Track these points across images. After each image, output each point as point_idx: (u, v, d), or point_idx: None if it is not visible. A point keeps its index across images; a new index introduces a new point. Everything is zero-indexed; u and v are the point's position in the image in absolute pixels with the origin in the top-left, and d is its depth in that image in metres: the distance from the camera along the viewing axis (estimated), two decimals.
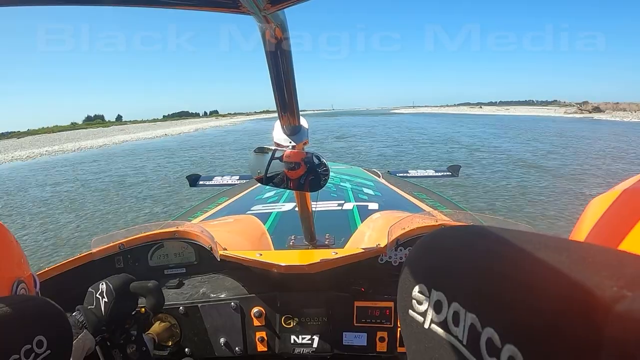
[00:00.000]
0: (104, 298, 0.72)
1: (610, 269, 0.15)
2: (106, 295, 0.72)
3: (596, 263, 0.16)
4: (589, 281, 0.15)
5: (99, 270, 0.98)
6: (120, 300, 0.73)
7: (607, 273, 0.15)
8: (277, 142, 0.75)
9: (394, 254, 1.02)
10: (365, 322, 0.94)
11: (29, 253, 4.48)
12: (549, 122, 25.37)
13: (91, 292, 0.73)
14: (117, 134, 33.31)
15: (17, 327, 0.37)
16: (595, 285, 0.15)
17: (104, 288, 0.73)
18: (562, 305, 0.15)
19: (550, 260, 0.17)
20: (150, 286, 0.76)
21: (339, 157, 10.96)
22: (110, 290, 0.72)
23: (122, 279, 0.76)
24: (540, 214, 5.04)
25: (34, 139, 36.21)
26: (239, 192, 2.35)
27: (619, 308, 0.13)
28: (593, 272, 0.15)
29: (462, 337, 0.19)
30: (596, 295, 0.14)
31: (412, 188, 2.36)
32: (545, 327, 0.15)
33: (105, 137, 30.27)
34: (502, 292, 0.17)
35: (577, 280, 0.15)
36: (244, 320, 0.97)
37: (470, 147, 12.99)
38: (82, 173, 11.24)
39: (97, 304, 0.72)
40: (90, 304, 0.72)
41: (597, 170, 8.11)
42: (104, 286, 0.73)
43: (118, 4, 0.38)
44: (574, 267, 0.16)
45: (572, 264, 0.16)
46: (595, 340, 0.14)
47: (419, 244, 0.25)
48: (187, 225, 1.11)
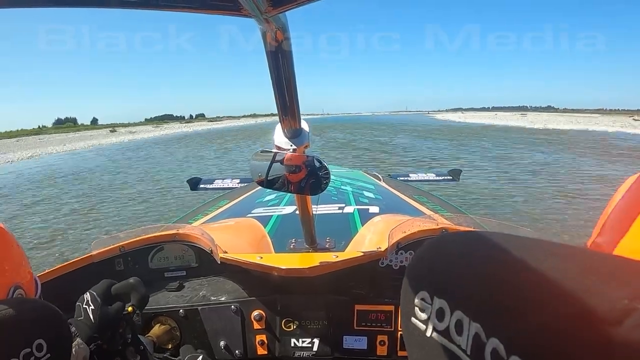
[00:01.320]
0: (90, 306, 0.73)
1: (620, 280, 0.15)
2: (92, 303, 0.73)
3: (605, 272, 0.15)
4: (597, 292, 0.14)
5: (99, 273, 0.98)
6: (105, 304, 0.74)
7: (617, 284, 0.14)
8: (278, 145, 0.75)
9: (394, 258, 1.02)
10: (366, 326, 0.94)
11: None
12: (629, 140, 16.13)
13: (78, 305, 0.75)
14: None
15: (16, 330, 0.37)
16: (604, 297, 0.14)
17: (88, 297, 0.74)
18: (570, 317, 0.14)
19: (557, 269, 0.16)
20: (132, 282, 0.77)
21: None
22: (94, 298, 0.74)
23: (103, 284, 0.77)
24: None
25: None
26: (240, 195, 2.35)
27: (629, 322, 0.13)
28: (602, 282, 0.15)
29: (466, 346, 0.18)
30: (605, 307, 0.14)
31: (412, 191, 2.36)
32: (552, 339, 0.14)
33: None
34: (507, 301, 0.17)
35: (586, 290, 0.15)
36: (244, 323, 0.97)
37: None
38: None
39: (85, 314, 0.73)
40: (79, 315, 0.73)
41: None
42: (88, 295, 0.75)
43: (119, 6, 0.39)
44: (582, 276, 0.16)
45: (580, 273, 0.16)
46: (603, 354, 0.13)
47: (421, 250, 0.24)
48: (188, 228, 1.11)
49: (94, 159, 16.52)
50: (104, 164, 13.86)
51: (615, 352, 0.13)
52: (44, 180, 10.54)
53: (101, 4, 0.38)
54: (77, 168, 13.03)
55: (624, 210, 0.27)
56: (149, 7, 0.39)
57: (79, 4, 0.39)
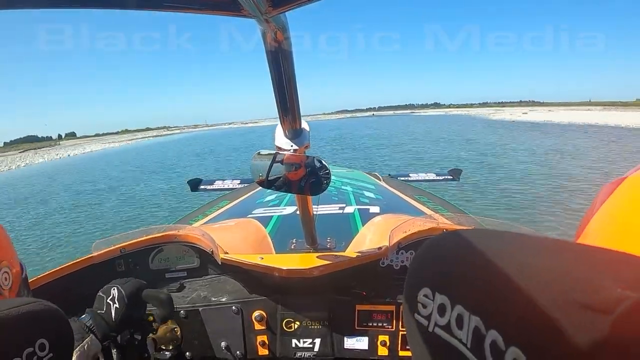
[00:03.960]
0: (115, 304, 0.70)
1: (613, 271, 0.15)
2: (117, 301, 0.70)
3: (599, 265, 0.16)
4: (592, 283, 0.15)
5: (100, 274, 0.98)
6: (131, 308, 0.72)
7: (610, 275, 0.15)
8: (279, 146, 0.75)
9: (395, 258, 1.02)
10: (367, 326, 0.94)
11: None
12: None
13: (102, 297, 0.72)
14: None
15: (19, 329, 0.37)
16: (598, 287, 0.15)
17: (115, 293, 0.71)
18: (566, 307, 0.15)
19: (553, 263, 0.17)
20: (162, 298, 0.76)
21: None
22: (122, 297, 0.71)
23: (134, 285, 0.74)
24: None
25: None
26: (241, 196, 2.35)
27: (622, 310, 0.14)
28: (596, 274, 0.15)
29: (467, 340, 0.19)
30: (600, 297, 0.14)
31: (413, 191, 2.37)
32: (549, 329, 0.15)
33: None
34: (505, 295, 0.17)
35: (581, 282, 0.15)
36: (245, 324, 0.97)
37: None
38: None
39: (107, 309, 0.70)
40: (100, 308, 0.70)
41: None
42: (116, 292, 0.71)
43: (120, 7, 0.39)
44: (578, 269, 0.16)
45: (576, 266, 0.16)
46: (599, 342, 0.14)
47: (423, 248, 0.25)
48: (188, 229, 1.11)
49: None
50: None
51: (610, 339, 0.13)
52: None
53: (102, 5, 0.39)
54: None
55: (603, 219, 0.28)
56: (149, 8, 0.39)
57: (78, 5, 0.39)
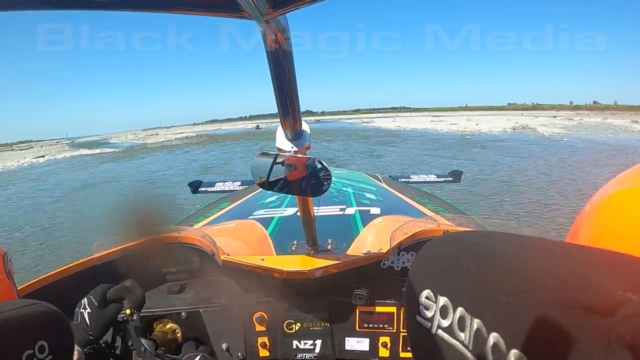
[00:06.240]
0: (87, 310, 0.74)
1: (615, 273, 0.15)
2: (88, 306, 0.74)
3: (601, 267, 0.16)
4: (594, 285, 0.15)
5: (101, 275, 0.98)
6: (102, 307, 0.75)
7: (612, 277, 0.15)
8: (279, 147, 0.75)
9: (396, 259, 1.02)
10: (368, 327, 0.94)
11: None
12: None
13: (76, 311, 0.76)
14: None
15: (19, 331, 0.37)
16: (600, 289, 0.15)
17: (85, 302, 0.75)
18: (568, 310, 0.15)
19: (554, 265, 0.17)
20: (127, 285, 0.77)
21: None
22: (91, 302, 0.75)
23: (100, 288, 0.78)
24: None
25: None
26: (241, 197, 2.35)
27: (624, 312, 0.13)
28: (598, 276, 0.15)
29: (468, 342, 0.19)
30: (601, 299, 0.14)
31: (414, 192, 2.36)
32: (551, 332, 0.15)
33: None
34: (506, 297, 0.17)
35: (583, 284, 0.15)
36: (246, 325, 0.96)
37: None
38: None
39: (81, 318, 0.74)
40: (77, 320, 0.74)
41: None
42: (85, 300, 0.76)
43: (118, 8, 0.39)
44: (579, 271, 0.16)
45: (577, 268, 0.16)
46: (601, 345, 0.14)
47: (425, 250, 0.25)
48: (189, 230, 1.11)
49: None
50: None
51: (611, 341, 0.13)
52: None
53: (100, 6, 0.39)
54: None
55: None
56: (149, 9, 0.39)
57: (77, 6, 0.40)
